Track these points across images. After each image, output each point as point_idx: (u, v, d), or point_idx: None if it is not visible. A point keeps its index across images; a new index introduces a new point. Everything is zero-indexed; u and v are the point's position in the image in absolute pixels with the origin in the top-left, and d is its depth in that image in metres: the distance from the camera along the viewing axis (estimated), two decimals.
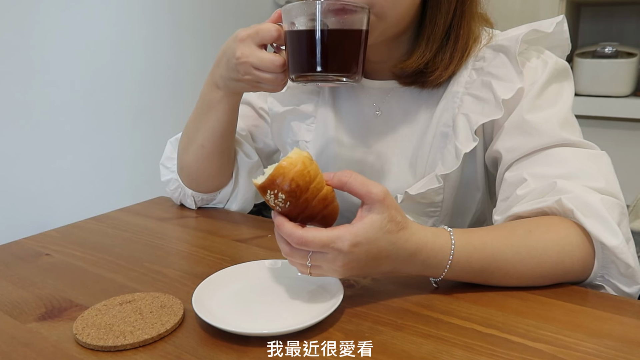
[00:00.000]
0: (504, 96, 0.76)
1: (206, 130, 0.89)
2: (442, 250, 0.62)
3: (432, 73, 0.81)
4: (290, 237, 0.57)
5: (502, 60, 0.79)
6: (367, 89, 0.91)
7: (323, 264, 0.58)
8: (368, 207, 0.58)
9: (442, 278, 0.64)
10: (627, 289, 0.66)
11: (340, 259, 0.57)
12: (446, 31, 0.80)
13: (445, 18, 0.79)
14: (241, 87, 0.81)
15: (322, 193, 0.58)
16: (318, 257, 0.58)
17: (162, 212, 0.99)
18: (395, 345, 0.55)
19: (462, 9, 0.79)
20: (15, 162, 1.86)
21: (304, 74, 0.68)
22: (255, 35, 0.74)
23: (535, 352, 0.53)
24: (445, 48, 0.80)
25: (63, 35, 1.95)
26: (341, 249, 0.56)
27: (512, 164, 0.77)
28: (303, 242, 0.56)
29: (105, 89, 2.12)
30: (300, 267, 0.61)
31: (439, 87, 0.84)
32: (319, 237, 0.56)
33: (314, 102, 0.95)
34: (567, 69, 0.81)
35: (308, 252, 0.58)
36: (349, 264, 0.57)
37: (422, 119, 0.86)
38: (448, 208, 0.87)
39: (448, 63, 0.80)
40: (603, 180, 0.69)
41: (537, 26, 0.79)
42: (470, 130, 0.79)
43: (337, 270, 0.58)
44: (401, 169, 0.88)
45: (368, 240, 0.57)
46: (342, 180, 0.58)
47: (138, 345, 0.56)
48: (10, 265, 0.77)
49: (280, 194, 0.56)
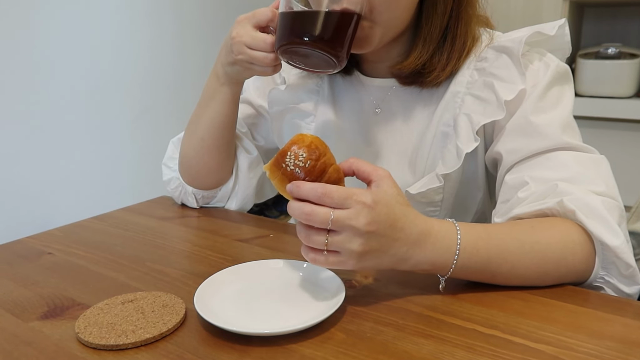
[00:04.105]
0: (506, 97, 0.76)
1: (206, 122, 0.91)
2: (448, 233, 0.62)
3: (429, 74, 0.81)
4: (313, 191, 0.56)
5: (504, 61, 0.79)
6: (368, 87, 0.91)
7: (346, 222, 0.55)
8: (376, 183, 0.59)
9: (451, 273, 0.63)
10: (627, 289, 0.66)
11: (364, 214, 0.55)
12: (443, 32, 0.80)
13: (442, 19, 0.79)
14: (236, 71, 0.83)
15: (336, 165, 0.60)
16: (341, 213, 0.55)
17: (164, 212, 0.99)
18: (397, 345, 0.55)
19: (458, 9, 0.79)
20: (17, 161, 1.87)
21: (287, 42, 0.70)
22: (252, 17, 0.78)
23: (536, 353, 0.53)
24: (443, 49, 0.81)
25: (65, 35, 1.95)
26: (365, 202, 0.56)
27: (512, 166, 0.77)
28: (326, 192, 0.55)
29: (107, 89, 2.12)
30: (316, 239, 0.57)
31: (439, 87, 0.84)
32: (341, 189, 0.56)
33: (314, 101, 0.95)
34: (568, 72, 0.81)
35: (329, 214, 0.55)
36: (371, 224, 0.56)
37: (422, 118, 0.86)
38: (448, 208, 0.87)
39: (445, 64, 0.81)
40: (603, 185, 0.70)
41: (540, 29, 0.79)
42: (472, 131, 0.79)
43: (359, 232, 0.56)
44: (401, 167, 0.88)
45: (387, 203, 0.58)
46: (349, 161, 0.62)
47: (140, 344, 0.56)
48: (12, 264, 0.77)
49: (301, 152, 0.58)
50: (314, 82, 0.96)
